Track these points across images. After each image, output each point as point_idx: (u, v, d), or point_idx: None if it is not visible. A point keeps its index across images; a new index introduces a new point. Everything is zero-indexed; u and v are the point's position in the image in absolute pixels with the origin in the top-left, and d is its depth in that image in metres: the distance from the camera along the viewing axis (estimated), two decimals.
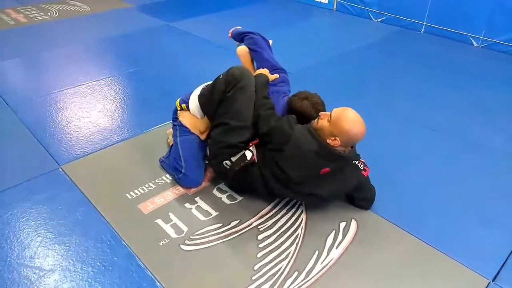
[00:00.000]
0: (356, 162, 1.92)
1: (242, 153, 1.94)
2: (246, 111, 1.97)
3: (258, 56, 2.43)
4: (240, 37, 2.55)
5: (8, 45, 4.03)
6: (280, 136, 1.86)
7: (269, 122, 1.91)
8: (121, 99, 3.06)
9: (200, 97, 2.15)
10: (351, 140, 1.80)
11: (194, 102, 2.19)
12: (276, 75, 2.31)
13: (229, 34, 2.63)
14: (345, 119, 1.77)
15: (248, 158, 1.92)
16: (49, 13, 4.98)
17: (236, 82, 1.96)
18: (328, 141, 1.80)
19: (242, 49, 2.48)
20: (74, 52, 3.91)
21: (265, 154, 1.92)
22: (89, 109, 2.90)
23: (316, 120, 1.89)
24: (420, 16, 4.58)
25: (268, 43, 2.51)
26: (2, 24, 4.57)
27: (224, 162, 1.97)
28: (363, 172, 1.92)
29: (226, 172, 2.00)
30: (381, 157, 2.42)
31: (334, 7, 5.35)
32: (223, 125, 1.98)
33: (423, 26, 4.60)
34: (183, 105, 2.23)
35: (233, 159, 1.95)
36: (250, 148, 1.95)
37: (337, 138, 1.77)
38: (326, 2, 5.39)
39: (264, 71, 2.25)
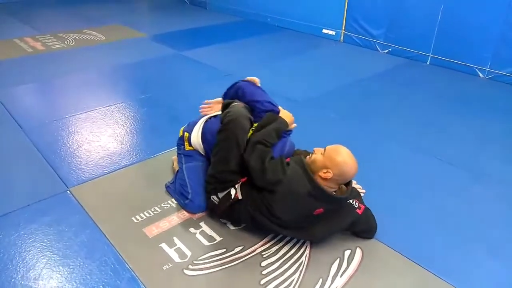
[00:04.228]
0: (351, 201, 1.89)
1: (228, 190, 1.95)
2: (235, 160, 1.91)
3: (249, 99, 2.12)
4: (228, 96, 2.24)
5: (24, 72, 4.18)
6: (272, 177, 1.80)
7: (265, 165, 1.81)
8: (131, 125, 3.12)
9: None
10: (343, 174, 1.79)
11: (196, 134, 2.19)
12: (295, 125, 2.13)
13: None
14: (339, 153, 1.82)
15: (232, 195, 1.92)
16: (66, 42, 5.17)
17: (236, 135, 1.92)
18: (320, 173, 1.80)
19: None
20: (88, 79, 4.03)
21: (253, 194, 1.88)
22: (99, 134, 2.96)
23: (309, 155, 1.92)
24: (426, 48, 4.66)
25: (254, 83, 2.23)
26: (20, 51, 4.75)
27: (211, 197, 2.01)
28: (357, 211, 1.89)
29: (214, 207, 2.03)
30: (388, 186, 2.42)
31: (341, 38, 5.47)
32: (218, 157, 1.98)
33: (429, 58, 4.67)
34: (186, 134, 2.25)
35: (220, 195, 1.97)
36: (236, 186, 1.95)
37: (330, 171, 1.78)
38: (333, 33, 5.52)
39: (287, 116, 2.06)
